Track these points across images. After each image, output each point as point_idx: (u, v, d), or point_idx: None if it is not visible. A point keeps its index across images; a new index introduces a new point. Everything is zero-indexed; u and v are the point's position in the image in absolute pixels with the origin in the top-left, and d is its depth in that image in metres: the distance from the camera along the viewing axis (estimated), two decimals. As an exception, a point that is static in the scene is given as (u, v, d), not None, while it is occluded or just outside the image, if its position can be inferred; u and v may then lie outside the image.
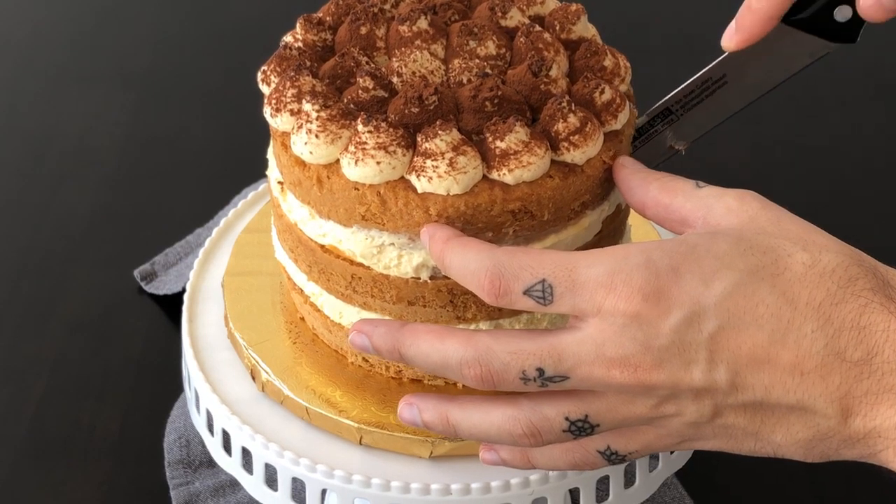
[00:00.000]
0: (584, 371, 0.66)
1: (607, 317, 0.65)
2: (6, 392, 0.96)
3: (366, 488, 0.78)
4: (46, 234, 1.10)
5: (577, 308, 0.66)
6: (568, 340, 0.67)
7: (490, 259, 0.68)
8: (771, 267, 0.65)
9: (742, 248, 0.66)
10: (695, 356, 0.65)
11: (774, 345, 0.64)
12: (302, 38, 0.82)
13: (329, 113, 0.75)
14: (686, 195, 0.71)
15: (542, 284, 0.67)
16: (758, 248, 0.66)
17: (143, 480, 0.90)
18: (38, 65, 1.31)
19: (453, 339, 0.69)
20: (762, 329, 0.64)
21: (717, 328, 0.64)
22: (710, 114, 0.80)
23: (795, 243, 0.66)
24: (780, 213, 0.69)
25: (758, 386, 0.65)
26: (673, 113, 0.81)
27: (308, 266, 0.81)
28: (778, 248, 0.66)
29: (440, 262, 0.72)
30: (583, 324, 0.67)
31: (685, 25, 1.37)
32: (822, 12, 0.76)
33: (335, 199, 0.76)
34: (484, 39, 0.79)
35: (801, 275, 0.65)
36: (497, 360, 0.68)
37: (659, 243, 0.67)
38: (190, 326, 0.88)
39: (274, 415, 0.82)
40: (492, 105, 0.75)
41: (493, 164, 0.74)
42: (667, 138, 0.81)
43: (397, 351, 0.71)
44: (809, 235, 0.67)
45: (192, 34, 1.36)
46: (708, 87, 0.80)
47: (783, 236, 0.67)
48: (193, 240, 1.07)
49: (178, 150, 1.20)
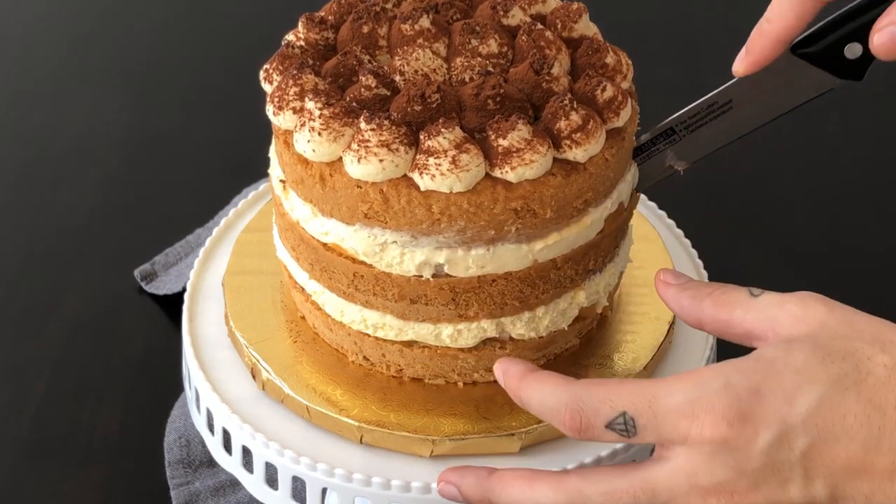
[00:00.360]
0: (679, 503, 0.66)
1: (695, 445, 0.65)
2: (6, 392, 0.96)
3: (366, 487, 0.78)
4: (46, 234, 1.10)
5: (662, 438, 0.66)
6: (659, 474, 0.66)
7: (568, 394, 0.68)
8: (853, 374, 0.64)
9: (820, 356, 0.65)
10: (790, 475, 0.64)
11: (869, 453, 0.63)
12: (304, 37, 0.82)
13: (332, 111, 0.75)
14: (745, 308, 0.69)
15: (624, 417, 0.67)
16: (836, 355, 0.65)
17: (143, 480, 0.90)
18: (38, 65, 1.30)
19: (543, 484, 0.69)
20: (854, 440, 0.63)
21: (808, 445, 0.64)
22: (712, 137, 0.81)
23: (873, 345, 0.65)
24: (848, 313, 0.67)
25: (858, 496, 0.64)
26: (676, 133, 0.81)
27: (310, 264, 0.81)
28: (857, 353, 0.65)
29: (517, 398, 0.72)
30: (671, 454, 0.66)
31: (685, 24, 1.37)
32: (833, 48, 0.76)
33: (338, 197, 0.76)
34: (486, 38, 0.79)
35: (885, 378, 0.64)
36: (591, 503, 0.67)
37: (736, 364, 0.66)
38: (190, 326, 0.88)
39: (274, 414, 0.82)
40: (494, 103, 0.75)
41: (496, 161, 0.74)
42: (667, 157, 0.82)
43: (487, 500, 0.71)
44: (885, 334, 0.66)
45: (193, 34, 1.36)
46: (713, 111, 0.80)
47: (859, 339, 0.65)
48: (193, 240, 1.07)
49: (178, 150, 1.19)
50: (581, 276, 0.80)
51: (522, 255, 0.76)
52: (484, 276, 0.77)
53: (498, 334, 0.80)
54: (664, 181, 0.83)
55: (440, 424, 0.80)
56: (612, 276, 0.83)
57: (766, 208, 1.14)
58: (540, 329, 0.80)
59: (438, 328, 0.79)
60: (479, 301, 0.77)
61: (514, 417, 0.80)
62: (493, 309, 0.78)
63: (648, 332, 0.86)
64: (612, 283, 0.83)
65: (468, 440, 0.79)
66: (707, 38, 1.35)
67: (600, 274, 0.81)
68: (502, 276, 0.77)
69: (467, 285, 0.77)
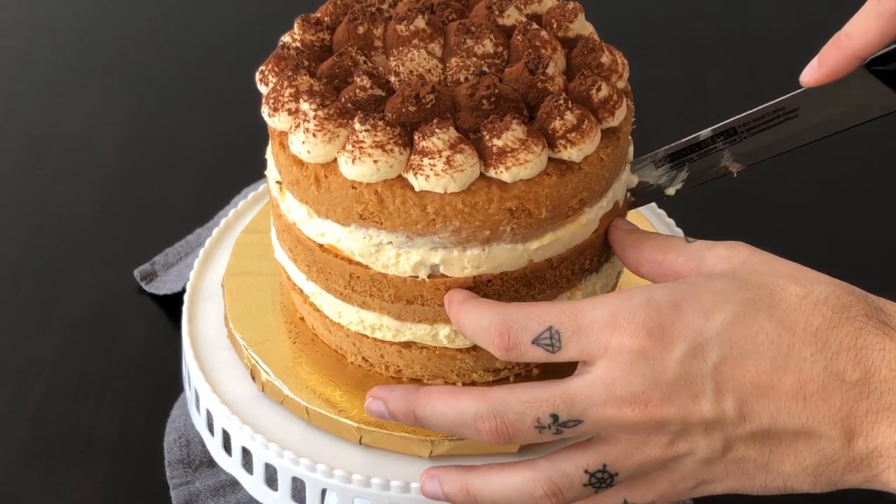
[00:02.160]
0: (596, 412, 0.68)
1: (614, 355, 0.67)
2: (6, 392, 0.96)
3: (366, 488, 0.78)
4: (46, 234, 1.10)
5: (584, 351, 0.68)
6: (578, 384, 0.68)
7: (499, 314, 0.71)
8: (767, 299, 0.67)
9: (738, 285, 0.68)
10: (702, 388, 0.66)
11: (777, 371, 0.65)
12: (300, 38, 0.82)
13: (326, 112, 0.75)
14: (678, 250, 0.73)
15: (550, 332, 0.69)
16: (753, 285, 0.68)
17: (143, 480, 0.90)
18: (38, 65, 1.31)
19: (467, 396, 0.71)
20: (764, 356, 0.66)
21: (720, 358, 0.66)
22: (773, 143, 0.80)
23: (787, 279, 0.68)
24: (769, 256, 0.71)
25: (764, 413, 0.66)
26: (737, 133, 0.81)
27: (307, 265, 0.81)
28: (771, 284, 0.68)
29: (456, 323, 0.74)
30: (592, 367, 0.68)
31: (681, 23, 1.37)
32: None
33: (333, 198, 0.76)
34: (481, 38, 0.79)
35: (795, 304, 0.67)
36: (511, 410, 0.69)
37: (659, 284, 0.70)
38: (190, 326, 0.88)
39: (274, 414, 0.82)
40: (489, 103, 0.75)
41: (491, 162, 0.74)
42: (723, 157, 0.81)
43: (412, 413, 0.73)
44: (800, 272, 0.69)
45: (192, 34, 1.36)
46: (778, 117, 0.80)
47: (775, 274, 0.69)
48: (193, 240, 1.07)
49: (177, 151, 1.20)
50: (577, 276, 0.80)
51: (518, 255, 0.76)
52: (479, 276, 0.76)
53: (496, 334, 0.80)
54: (713, 182, 0.83)
55: (439, 424, 0.80)
56: (609, 276, 0.83)
57: (766, 208, 1.13)
58: (538, 329, 0.80)
59: (436, 329, 0.79)
60: (476, 301, 0.78)
61: (512, 417, 0.80)
62: (487, 309, 0.78)
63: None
64: (610, 283, 0.83)
65: (467, 440, 0.79)
66: (703, 38, 1.35)
67: (596, 274, 0.81)
68: (498, 276, 0.77)
69: (463, 285, 0.77)
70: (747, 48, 1.33)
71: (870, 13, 0.75)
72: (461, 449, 0.79)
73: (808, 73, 0.78)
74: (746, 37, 1.35)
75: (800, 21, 1.37)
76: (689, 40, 1.34)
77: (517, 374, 0.83)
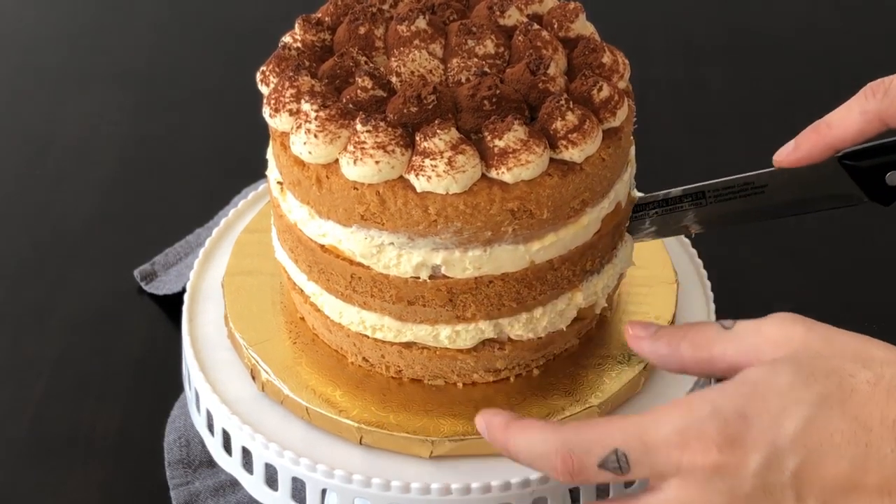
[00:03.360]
0: None
1: (688, 474, 0.65)
2: (6, 392, 0.96)
3: (366, 488, 0.78)
4: (46, 234, 1.10)
5: (655, 471, 0.66)
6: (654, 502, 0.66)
7: (557, 439, 0.68)
8: (837, 392, 0.64)
9: (803, 376, 0.65)
10: (782, 496, 0.64)
11: (857, 470, 0.63)
12: (301, 39, 0.82)
13: (328, 113, 0.75)
14: (723, 343, 0.70)
15: (616, 454, 0.66)
16: (819, 374, 0.65)
17: (143, 480, 0.90)
18: (38, 65, 1.30)
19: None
20: (842, 458, 0.63)
21: (797, 465, 0.64)
22: (736, 213, 0.82)
23: (855, 362, 0.65)
24: (828, 331, 0.68)
25: None
26: (705, 197, 0.81)
27: (308, 266, 0.81)
28: (839, 370, 0.65)
29: (504, 450, 0.71)
30: (665, 485, 0.66)
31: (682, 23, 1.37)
32: (877, 170, 0.77)
33: (334, 198, 0.76)
34: (482, 38, 0.79)
35: (868, 395, 0.64)
36: None
37: (721, 389, 0.66)
38: (190, 326, 0.88)
39: (274, 414, 0.82)
40: (490, 104, 0.75)
41: (492, 162, 0.74)
42: (687, 217, 0.82)
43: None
44: (865, 350, 0.66)
45: (192, 34, 1.36)
46: (746, 189, 0.81)
47: (840, 356, 0.66)
48: (193, 240, 1.07)
49: (177, 151, 1.19)
50: (578, 277, 0.80)
51: (519, 256, 0.76)
52: (481, 277, 0.76)
53: (496, 335, 0.80)
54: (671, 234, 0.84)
55: (440, 425, 0.80)
56: (611, 277, 0.83)
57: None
58: (538, 330, 0.80)
59: (436, 329, 0.79)
60: (477, 302, 0.77)
61: (513, 418, 0.80)
62: (490, 310, 0.78)
63: (648, 332, 0.86)
64: (611, 284, 0.83)
65: (468, 441, 0.79)
66: (704, 38, 1.35)
67: (598, 275, 0.81)
68: (499, 277, 0.77)
69: (464, 286, 0.77)
70: (747, 48, 1.33)
71: (853, 109, 0.76)
72: (461, 449, 0.79)
73: (784, 154, 0.78)
74: (746, 37, 1.35)
75: (799, 21, 1.37)
76: (689, 40, 1.34)
77: (517, 374, 0.83)
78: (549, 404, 0.81)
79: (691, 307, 0.88)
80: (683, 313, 0.88)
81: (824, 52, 1.32)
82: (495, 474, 0.78)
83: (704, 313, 0.89)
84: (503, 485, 0.77)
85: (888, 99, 0.74)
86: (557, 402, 0.81)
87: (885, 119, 0.75)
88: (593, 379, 0.83)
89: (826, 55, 1.31)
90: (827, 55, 1.31)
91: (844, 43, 1.33)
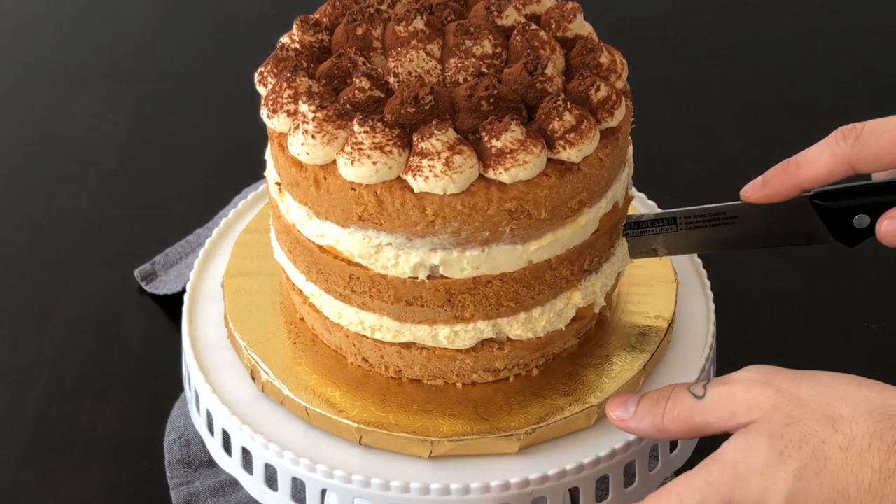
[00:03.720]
0: None
1: None
2: (6, 392, 0.96)
3: (365, 488, 0.78)
4: (46, 234, 1.10)
5: None
6: None
7: None
8: (812, 464, 0.67)
9: (777, 451, 0.67)
10: None
11: None
12: (298, 40, 0.82)
13: (325, 113, 0.75)
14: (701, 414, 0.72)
15: None
16: (793, 446, 0.67)
17: (143, 480, 0.90)
18: (38, 65, 1.31)
19: None
20: None
21: None
22: (704, 241, 0.83)
23: (825, 424, 0.67)
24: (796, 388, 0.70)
25: None
26: (676, 223, 0.83)
27: (306, 266, 0.81)
28: (811, 438, 0.67)
29: None
30: None
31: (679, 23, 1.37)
32: (845, 212, 0.79)
33: (332, 199, 0.76)
34: (480, 39, 0.79)
35: (842, 462, 0.66)
36: None
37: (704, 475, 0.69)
38: (190, 326, 0.88)
39: (274, 415, 0.82)
40: (488, 104, 0.75)
41: (490, 163, 0.74)
42: (656, 241, 0.84)
43: None
44: (833, 409, 0.68)
45: (192, 35, 1.36)
46: (716, 219, 0.82)
47: (810, 419, 0.68)
48: (193, 240, 1.07)
49: (178, 151, 1.20)
50: (577, 277, 0.80)
51: (517, 255, 0.76)
52: (479, 277, 0.77)
53: (495, 335, 0.80)
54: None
55: (439, 425, 0.80)
56: (609, 276, 0.83)
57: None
58: (537, 329, 0.80)
59: (435, 330, 0.79)
60: (475, 302, 0.77)
61: (512, 418, 0.80)
62: (488, 310, 0.78)
63: (648, 332, 0.86)
64: (609, 283, 0.83)
65: (467, 441, 0.79)
66: (701, 37, 1.35)
67: (596, 274, 0.81)
68: (497, 277, 0.77)
69: (462, 287, 0.77)
70: (747, 48, 1.33)
71: (824, 150, 0.77)
72: (460, 449, 0.79)
73: (752, 190, 0.80)
74: (746, 37, 1.35)
75: (799, 21, 1.37)
76: (689, 40, 1.34)
77: (517, 374, 0.83)
78: (548, 404, 0.81)
79: (691, 307, 0.88)
80: (683, 313, 0.88)
81: (824, 51, 1.32)
82: (494, 474, 0.78)
83: (704, 313, 0.89)
84: (502, 485, 0.77)
85: (858, 144, 0.76)
86: (557, 401, 0.81)
87: (854, 164, 0.77)
88: (593, 379, 0.83)
89: (826, 55, 1.31)
90: (827, 55, 1.31)
91: (844, 43, 1.33)
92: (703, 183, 1.14)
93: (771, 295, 1.03)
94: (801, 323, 1.01)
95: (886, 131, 0.75)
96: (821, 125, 1.23)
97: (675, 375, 0.84)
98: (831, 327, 0.98)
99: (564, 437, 0.80)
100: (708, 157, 1.18)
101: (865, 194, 0.79)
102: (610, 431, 0.80)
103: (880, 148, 0.75)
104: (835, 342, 0.99)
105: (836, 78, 1.28)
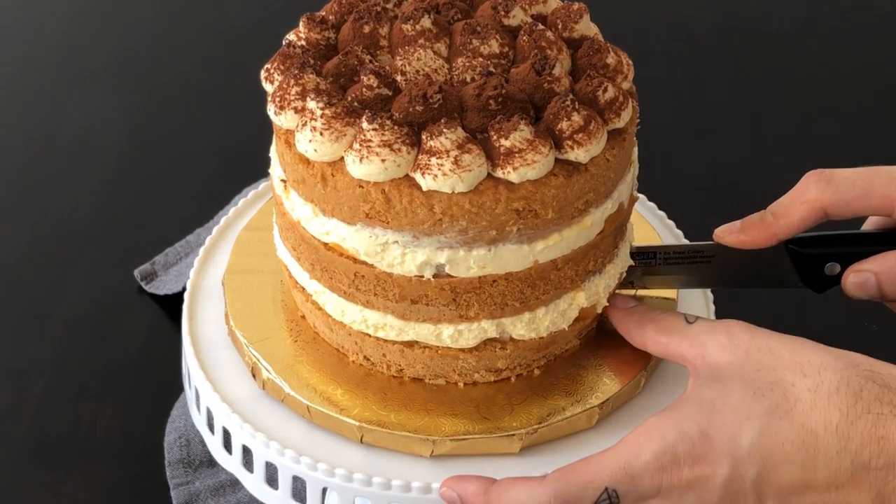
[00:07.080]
0: None
1: (666, 494, 0.72)
2: (6, 392, 0.96)
3: (367, 487, 0.78)
4: (46, 234, 1.10)
5: (640, 497, 0.72)
6: None
7: (546, 492, 0.73)
8: (783, 404, 0.70)
9: (751, 391, 0.71)
10: (745, 501, 0.71)
11: (808, 472, 0.70)
12: (305, 37, 0.82)
13: (333, 111, 0.75)
14: (681, 334, 0.77)
15: (607, 492, 0.72)
16: (765, 388, 0.71)
17: (143, 480, 0.90)
18: (38, 65, 1.31)
19: None
20: (794, 463, 0.70)
21: (756, 474, 0.70)
22: (680, 278, 0.85)
23: (794, 371, 0.71)
24: (769, 340, 0.74)
25: None
26: (655, 258, 0.85)
27: (310, 264, 0.81)
28: (782, 382, 0.71)
29: None
30: None
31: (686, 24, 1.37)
32: (817, 259, 0.82)
33: (339, 196, 0.76)
34: (487, 38, 0.79)
35: (811, 403, 0.70)
36: None
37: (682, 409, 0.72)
38: (190, 325, 0.88)
39: (275, 413, 0.82)
40: (496, 103, 0.75)
41: (498, 162, 0.74)
42: (634, 274, 0.85)
43: None
44: (803, 357, 0.72)
45: (193, 33, 1.36)
46: (695, 257, 0.84)
47: (781, 366, 0.72)
48: (194, 239, 1.07)
49: (177, 150, 1.20)
50: (581, 277, 0.80)
51: (524, 255, 0.76)
52: (485, 276, 0.77)
53: (498, 335, 0.80)
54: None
55: (440, 424, 0.80)
56: (612, 277, 0.83)
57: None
58: (540, 329, 0.80)
59: (439, 328, 0.79)
60: (480, 301, 0.78)
61: (514, 418, 0.80)
62: (493, 309, 0.78)
63: (649, 333, 0.86)
64: (612, 284, 0.83)
65: (468, 440, 0.79)
66: (707, 38, 1.35)
67: (600, 275, 0.81)
68: (503, 276, 0.77)
69: (468, 286, 0.77)
70: (747, 48, 1.33)
71: (796, 198, 0.80)
72: (462, 449, 0.79)
73: (727, 232, 0.82)
74: (746, 37, 1.35)
75: (799, 21, 1.37)
76: (689, 40, 1.34)
77: (518, 374, 0.83)
78: (549, 404, 0.81)
79: (691, 307, 0.89)
80: (683, 313, 0.88)
81: (824, 51, 1.32)
82: (495, 474, 0.77)
83: (705, 314, 0.89)
84: (504, 484, 0.77)
85: (830, 189, 0.79)
86: (558, 402, 0.81)
87: (827, 209, 0.80)
88: (594, 379, 0.83)
89: (826, 55, 1.32)
90: (827, 55, 1.32)
91: (844, 43, 1.34)
92: (706, 184, 1.14)
93: (771, 295, 1.03)
94: (801, 323, 1.01)
95: (858, 179, 0.79)
96: (821, 125, 1.24)
97: (676, 376, 0.84)
98: (831, 327, 0.98)
99: (565, 438, 0.80)
100: (708, 159, 1.19)
101: (839, 244, 0.82)
102: (611, 432, 0.80)
103: (853, 196, 0.79)
104: (835, 342, 0.99)
105: (836, 78, 1.28)
